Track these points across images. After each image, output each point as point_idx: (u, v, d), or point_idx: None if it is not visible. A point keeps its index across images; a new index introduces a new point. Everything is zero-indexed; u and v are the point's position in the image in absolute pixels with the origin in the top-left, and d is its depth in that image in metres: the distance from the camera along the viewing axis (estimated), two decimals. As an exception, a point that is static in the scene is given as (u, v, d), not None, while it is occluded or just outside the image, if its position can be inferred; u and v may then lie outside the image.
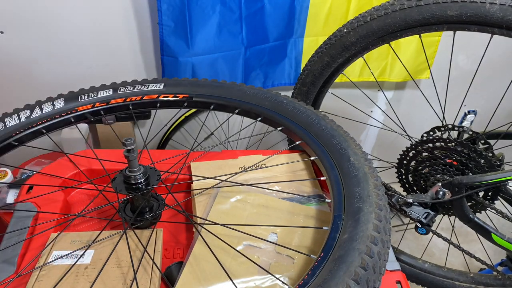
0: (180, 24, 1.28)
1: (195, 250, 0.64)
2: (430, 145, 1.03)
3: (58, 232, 0.68)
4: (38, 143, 0.82)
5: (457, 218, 0.97)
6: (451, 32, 0.89)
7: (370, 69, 1.59)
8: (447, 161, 1.00)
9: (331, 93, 1.14)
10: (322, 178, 0.72)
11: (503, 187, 0.93)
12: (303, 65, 1.44)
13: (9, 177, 1.19)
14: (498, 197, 0.97)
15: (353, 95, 1.41)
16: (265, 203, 0.74)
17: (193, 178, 0.81)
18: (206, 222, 0.69)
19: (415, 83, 1.55)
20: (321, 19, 1.46)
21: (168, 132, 1.62)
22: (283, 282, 0.58)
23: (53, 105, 0.84)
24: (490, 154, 0.96)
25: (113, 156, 0.83)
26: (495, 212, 0.98)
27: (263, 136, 1.68)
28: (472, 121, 1.42)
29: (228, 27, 1.35)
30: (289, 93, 1.10)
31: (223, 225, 0.66)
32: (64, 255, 0.64)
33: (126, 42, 1.37)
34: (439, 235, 1.05)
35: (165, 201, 0.76)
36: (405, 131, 1.17)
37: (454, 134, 1.04)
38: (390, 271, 0.68)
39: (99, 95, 0.88)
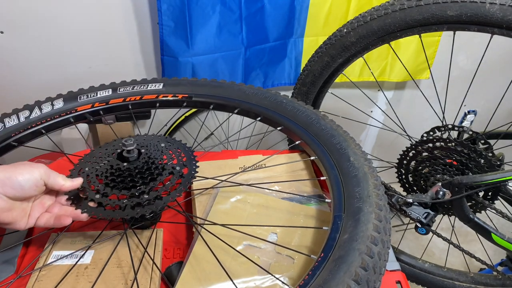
0: (180, 24, 1.28)
1: (195, 250, 0.64)
2: (430, 145, 1.03)
3: (58, 232, 0.68)
4: (37, 144, 0.82)
5: (457, 218, 0.97)
6: (451, 32, 0.89)
7: (370, 69, 1.59)
8: (447, 161, 1.00)
9: (331, 93, 1.14)
10: (322, 178, 0.72)
11: (503, 187, 0.93)
12: (303, 65, 1.44)
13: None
14: (498, 197, 0.97)
15: (353, 95, 1.41)
16: (265, 203, 0.74)
17: (193, 178, 0.81)
18: (206, 222, 0.69)
19: (415, 83, 1.55)
20: (321, 19, 1.46)
21: (168, 132, 1.62)
22: (283, 282, 0.58)
23: (52, 105, 0.84)
24: (490, 154, 0.96)
25: (113, 156, 0.83)
26: (495, 212, 0.98)
27: (263, 136, 1.68)
28: (472, 121, 1.42)
29: (228, 27, 1.35)
30: (289, 93, 1.10)
31: (223, 225, 0.66)
32: (64, 256, 0.64)
33: (126, 42, 1.37)
34: (439, 235, 1.05)
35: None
36: (405, 131, 1.17)
37: (454, 134, 1.04)
38: (390, 271, 0.68)
39: (99, 95, 0.88)
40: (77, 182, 0.63)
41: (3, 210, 0.55)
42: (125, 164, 0.66)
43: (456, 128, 1.03)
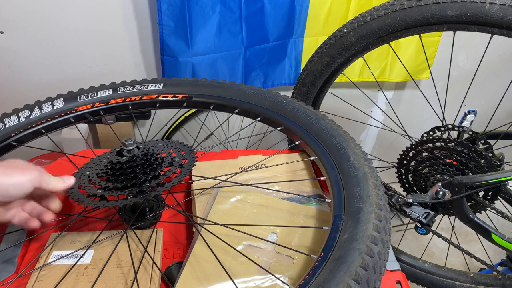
0: (180, 24, 1.28)
1: (195, 250, 0.64)
2: (430, 145, 1.03)
3: (58, 232, 0.68)
4: (37, 143, 0.82)
5: (457, 218, 0.97)
6: (451, 32, 0.89)
7: (370, 69, 1.59)
8: (447, 161, 1.00)
9: (331, 93, 1.14)
10: (322, 178, 0.72)
11: (503, 187, 0.93)
12: (303, 65, 1.45)
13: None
14: (498, 197, 0.97)
15: (353, 95, 1.41)
16: (265, 203, 0.74)
17: (193, 178, 0.81)
18: (206, 222, 0.69)
19: (415, 83, 1.55)
20: (321, 19, 1.46)
21: (168, 132, 1.62)
22: (283, 282, 0.58)
23: (53, 105, 0.84)
24: (490, 154, 0.96)
25: (113, 156, 0.83)
26: (495, 212, 0.98)
27: (263, 136, 1.68)
28: (472, 121, 1.42)
29: (228, 27, 1.35)
30: (289, 93, 1.10)
31: (223, 225, 0.66)
32: (64, 255, 0.64)
33: (126, 42, 1.37)
34: (439, 235, 1.05)
35: (165, 201, 0.76)
36: (405, 131, 1.17)
37: (454, 134, 1.04)
38: (390, 271, 0.68)
39: (99, 95, 0.88)
40: (69, 182, 0.62)
41: None
42: (124, 157, 0.66)
43: (456, 128, 1.03)
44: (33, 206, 0.62)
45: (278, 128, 0.83)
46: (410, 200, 0.89)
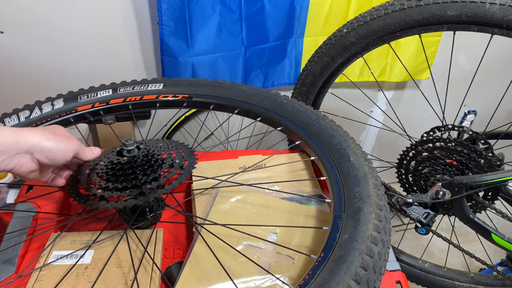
0: (180, 24, 1.28)
1: (195, 250, 0.64)
2: (430, 145, 1.03)
3: (58, 232, 0.68)
4: (38, 143, 0.82)
5: (457, 218, 0.97)
6: (451, 32, 0.89)
7: (370, 69, 1.59)
8: (447, 161, 1.00)
9: (331, 93, 1.14)
10: (322, 178, 0.72)
11: (503, 187, 0.93)
12: (303, 65, 1.45)
13: (9, 177, 1.19)
14: (498, 197, 0.98)
15: (353, 95, 1.41)
16: (265, 203, 0.74)
17: (193, 178, 0.81)
18: (206, 222, 0.69)
19: (415, 83, 1.55)
20: (321, 19, 1.46)
21: (168, 132, 1.62)
22: (283, 282, 0.58)
23: (53, 105, 0.84)
24: (490, 154, 0.96)
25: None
26: (495, 212, 0.98)
27: (263, 136, 1.68)
28: (472, 121, 1.42)
29: (228, 27, 1.35)
30: (289, 93, 1.10)
31: (223, 225, 0.66)
32: (64, 255, 0.64)
33: (126, 42, 1.37)
34: (439, 235, 1.05)
35: (165, 201, 0.76)
36: (405, 131, 1.17)
37: (454, 134, 1.04)
38: (390, 271, 0.68)
39: (99, 95, 0.88)
40: (96, 152, 0.69)
41: (32, 171, 0.60)
42: (125, 158, 0.66)
43: (456, 128, 1.03)
44: (59, 168, 0.68)
45: (278, 128, 0.83)
46: (410, 200, 0.89)
